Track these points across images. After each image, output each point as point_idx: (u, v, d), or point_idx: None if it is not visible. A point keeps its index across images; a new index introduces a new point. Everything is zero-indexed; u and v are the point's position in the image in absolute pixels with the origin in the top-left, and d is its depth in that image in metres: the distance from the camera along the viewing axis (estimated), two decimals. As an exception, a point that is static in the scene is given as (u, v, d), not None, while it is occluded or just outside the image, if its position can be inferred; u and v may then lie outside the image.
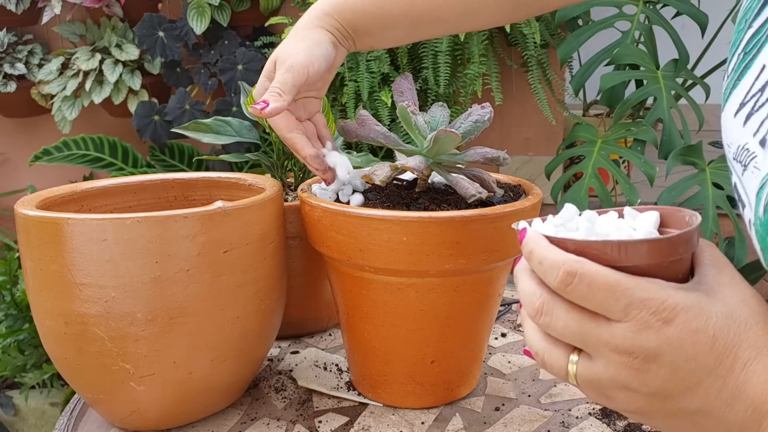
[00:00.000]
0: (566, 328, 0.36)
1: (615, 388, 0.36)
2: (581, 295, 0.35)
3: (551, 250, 0.36)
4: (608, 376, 0.35)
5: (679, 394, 0.34)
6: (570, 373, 0.37)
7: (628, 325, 0.34)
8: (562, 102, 1.62)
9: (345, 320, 0.63)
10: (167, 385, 0.56)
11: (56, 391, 1.68)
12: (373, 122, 0.61)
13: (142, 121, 1.62)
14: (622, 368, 0.35)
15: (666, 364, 0.34)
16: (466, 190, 0.57)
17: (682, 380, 0.34)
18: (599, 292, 0.34)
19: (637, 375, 0.34)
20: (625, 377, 0.35)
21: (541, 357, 0.38)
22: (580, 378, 0.37)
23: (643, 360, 0.34)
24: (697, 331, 0.34)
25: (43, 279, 0.54)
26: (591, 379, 0.36)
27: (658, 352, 0.34)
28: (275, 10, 1.70)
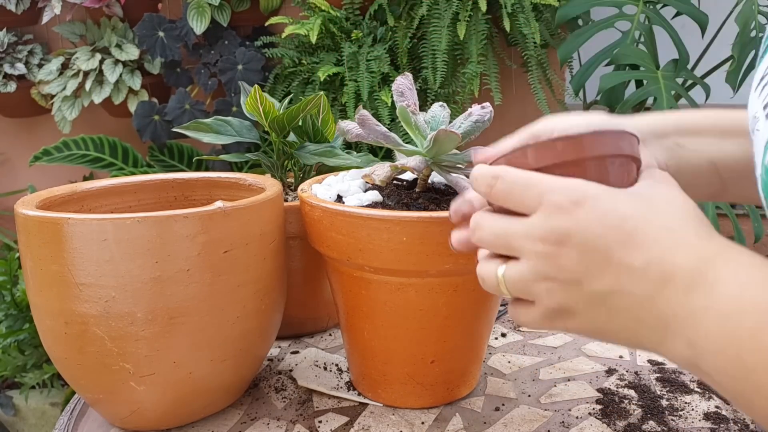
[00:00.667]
0: (492, 232, 0.38)
1: (536, 281, 0.37)
2: (503, 195, 0.38)
3: (482, 166, 0.40)
4: (530, 269, 0.37)
5: (591, 275, 0.35)
6: (499, 280, 0.39)
7: (541, 211, 0.36)
8: (562, 102, 1.62)
9: (345, 320, 0.63)
10: (167, 385, 0.56)
11: (56, 391, 1.68)
12: (373, 122, 0.61)
13: (142, 121, 1.62)
14: (540, 258, 0.36)
15: (576, 245, 0.35)
16: (466, 190, 0.57)
17: (592, 259, 0.35)
18: (517, 186, 0.37)
19: (552, 261, 0.36)
20: (542, 266, 0.36)
21: (480, 275, 0.40)
22: (508, 281, 0.38)
23: (556, 243, 0.35)
24: (606, 212, 0.35)
25: (43, 279, 0.54)
26: (516, 279, 0.38)
27: (568, 233, 0.35)
28: (275, 10, 1.70)
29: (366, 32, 1.52)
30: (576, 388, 0.67)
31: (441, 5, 1.43)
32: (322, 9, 1.50)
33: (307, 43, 1.55)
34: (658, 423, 0.60)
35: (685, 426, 0.60)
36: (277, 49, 1.56)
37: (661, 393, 0.65)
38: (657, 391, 0.66)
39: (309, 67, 1.53)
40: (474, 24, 1.45)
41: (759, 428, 0.59)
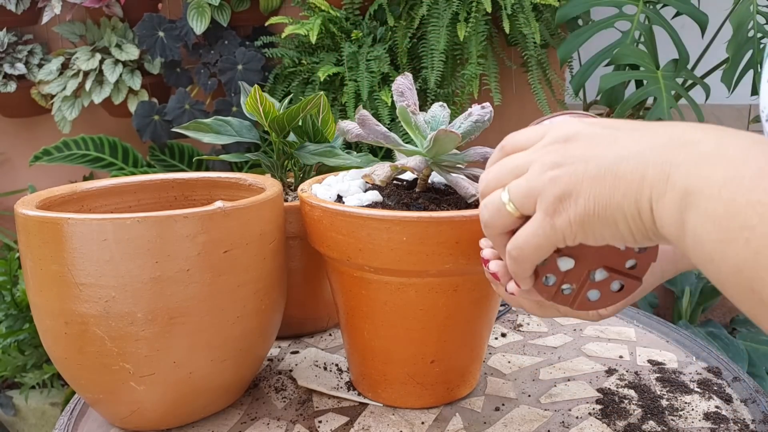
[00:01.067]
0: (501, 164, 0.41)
1: (541, 173, 0.37)
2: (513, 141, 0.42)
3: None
4: (534, 170, 0.38)
5: (598, 152, 0.36)
6: (503, 197, 0.39)
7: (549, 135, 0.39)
8: (562, 102, 1.62)
9: (345, 320, 0.63)
10: (167, 385, 0.56)
11: (56, 391, 1.68)
12: (373, 122, 0.61)
13: (142, 121, 1.62)
14: (547, 154, 0.38)
15: (584, 137, 0.37)
16: (466, 190, 0.57)
17: (599, 142, 0.37)
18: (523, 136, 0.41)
19: (560, 151, 0.37)
20: (549, 158, 0.37)
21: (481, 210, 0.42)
22: (512, 191, 0.39)
23: (563, 140, 0.38)
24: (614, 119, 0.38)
25: (43, 279, 0.54)
26: (521, 183, 0.39)
27: (576, 133, 0.37)
28: (275, 10, 1.70)
29: (366, 32, 1.52)
30: (576, 388, 0.67)
31: (440, 5, 1.43)
32: (322, 9, 1.50)
33: (307, 43, 1.55)
34: (658, 423, 0.60)
35: (685, 426, 0.60)
36: (277, 49, 1.56)
37: (661, 393, 0.65)
38: (657, 391, 0.66)
39: (309, 67, 1.53)
40: (474, 24, 1.45)
41: (759, 428, 0.59)
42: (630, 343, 0.78)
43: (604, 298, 0.44)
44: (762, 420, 0.61)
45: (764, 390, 0.66)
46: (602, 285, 0.43)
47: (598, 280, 0.43)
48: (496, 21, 1.51)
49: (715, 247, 0.30)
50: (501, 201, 0.39)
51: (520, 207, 0.39)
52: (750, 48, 1.37)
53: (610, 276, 0.43)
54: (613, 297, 0.44)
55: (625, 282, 0.43)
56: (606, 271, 0.42)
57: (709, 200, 0.31)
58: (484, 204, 0.41)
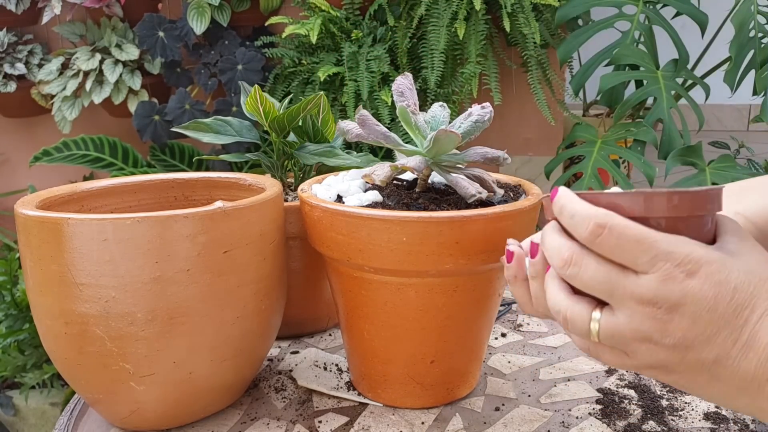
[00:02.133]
0: (594, 277, 0.37)
1: (637, 340, 0.36)
2: (610, 247, 0.36)
3: (582, 204, 0.38)
4: (631, 328, 0.36)
5: (699, 344, 0.35)
6: (592, 329, 0.38)
7: (653, 276, 0.35)
8: (562, 102, 1.62)
9: (345, 320, 0.63)
10: (167, 385, 0.56)
11: (56, 391, 1.68)
12: (373, 122, 0.61)
13: (142, 121, 1.62)
14: (645, 319, 0.36)
15: (688, 314, 0.35)
16: (466, 190, 0.57)
17: (702, 330, 0.35)
18: (628, 243, 0.36)
19: (659, 325, 0.36)
20: (647, 328, 0.36)
21: (564, 314, 0.39)
22: (603, 332, 0.37)
23: (666, 310, 0.35)
24: (719, 282, 0.35)
25: (43, 279, 0.54)
26: (613, 332, 0.37)
27: (680, 302, 0.35)
28: (275, 10, 1.70)
29: (366, 32, 1.52)
30: (576, 388, 0.67)
31: (440, 5, 1.43)
32: (322, 9, 1.50)
33: (307, 43, 1.55)
34: (658, 423, 0.60)
35: (685, 426, 0.60)
36: (277, 49, 1.56)
37: (661, 393, 0.65)
38: (657, 391, 0.66)
39: (309, 67, 1.53)
40: (473, 24, 1.45)
41: (759, 428, 0.59)
42: (630, 343, 0.78)
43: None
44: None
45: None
46: None
47: None
48: (496, 21, 1.51)
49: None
50: (589, 324, 0.38)
51: (605, 343, 0.38)
52: (752, 48, 1.37)
53: None
54: None
55: None
56: None
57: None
58: (566, 309, 0.39)
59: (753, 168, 1.71)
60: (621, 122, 1.44)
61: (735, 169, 1.35)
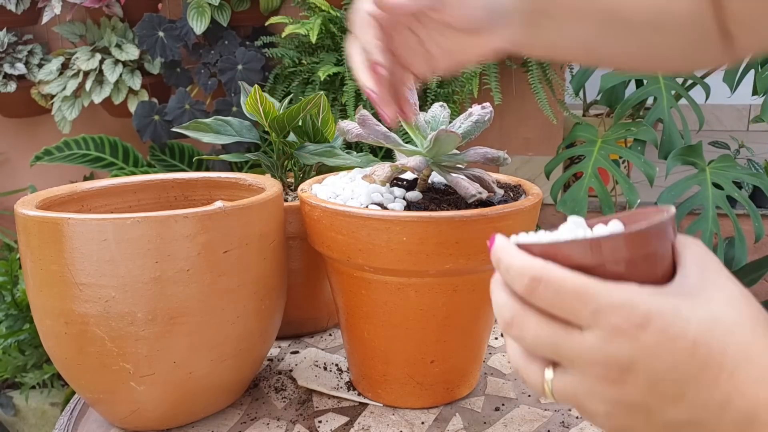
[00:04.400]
0: (537, 339, 0.34)
1: (594, 402, 0.33)
2: (548, 302, 0.33)
3: (517, 257, 0.34)
4: (585, 390, 0.33)
5: (663, 406, 0.32)
6: (546, 390, 0.34)
7: (599, 332, 0.31)
8: (562, 102, 1.62)
9: (345, 320, 0.63)
10: (167, 385, 0.56)
11: (56, 391, 1.68)
12: (373, 122, 0.61)
13: (142, 121, 1.62)
14: (598, 381, 0.32)
15: (643, 374, 0.31)
16: (466, 190, 0.57)
17: (664, 391, 0.31)
18: (566, 297, 0.32)
19: (614, 387, 0.32)
20: (602, 390, 0.32)
21: (521, 374, 0.36)
22: (557, 394, 0.34)
23: (619, 371, 0.31)
24: (675, 337, 0.31)
25: (43, 279, 0.54)
26: (568, 393, 0.34)
27: (633, 361, 0.31)
28: (275, 10, 1.70)
29: (366, 32, 1.52)
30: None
31: (441, 5, 1.43)
32: (322, 9, 1.50)
33: (307, 43, 1.55)
34: (658, 423, 0.60)
35: (685, 426, 0.60)
36: (277, 49, 1.56)
37: (661, 393, 0.65)
38: (657, 391, 0.66)
39: (309, 67, 1.53)
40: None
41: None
42: (630, 343, 0.78)
43: None
44: (762, 420, 0.60)
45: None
46: None
47: None
48: (496, 21, 1.51)
49: None
50: (542, 383, 0.34)
51: (560, 402, 0.36)
52: (750, 48, 1.37)
53: None
54: None
55: None
56: None
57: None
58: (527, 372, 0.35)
59: (753, 168, 1.71)
60: (621, 122, 1.44)
61: (735, 169, 1.35)
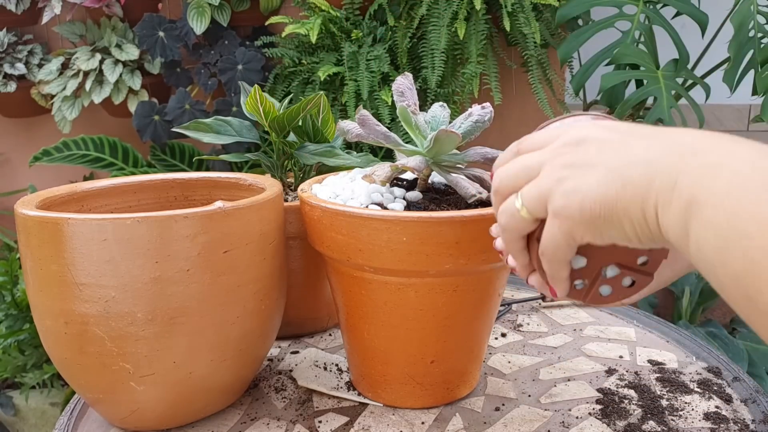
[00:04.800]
0: (511, 166, 0.41)
1: (557, 173, 0.38)
2: (530, 143, 0.42)
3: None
4: (547, 173, 0.39)
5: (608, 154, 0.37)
6: (516, 204, 0.40)
7: (560, 139, 0.39)
8: (562, 102, 1.62)
9: (345, 320, 0.63)
10: (167, 385, 0.56)
11: (56, 391, 1.68)
12: (373, 122, 0.61)
13: (142, 121, 1.62)
14: (557, 157, 0.39)
15: (594, 141, 0.38)
16: (466, 190, 0.57)
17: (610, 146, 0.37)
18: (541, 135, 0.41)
19: (571, 153, 0.38)
20: (561, 160, 0.38)
21: (498, 216, 0.43)
22: (525, 195, 0.40)
23: (574, 144, 0.38)
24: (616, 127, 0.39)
25: (43, 279, 0.54)
26: (533, 187, 0.39)
27: (588, 135, 0.38)
28: (275, 10, 1.70)
29: (366, 32, 1.52)
30: (576, 388, 0.67)
31: (440, 5, 1.43)
32: (322, 9, 1.50)
33: (307, 42, 1.55)
34: (658, 423, 0.60)
35: (685, 426, 0.60)
36: (277, 49, 1.56)
37: (661, 393, 0.65)
38: (657, 391, 0.66)
39: (309, 67, 1.53)
40: (474, 24, 1.45)
41: (759, 428, 0.59)
42: (630, 343, 0.78)
43: (616, 294, 0.45)
44: (762, 420, 0.60)
45: (764, 390, 0.66)
46: (614, 281, 0.44)
47: (610, 276, 0.44)
48: (496, 21, 1.51)
49: (716, 255, 0.31)
50: (515, 207, 0.41)
51: (533, 211, 0.40)
52: (751, 48, 1.37)
53: (621, 272, 0.44)
54: (625, 292, 0.45)
55: (636, 278, 0.44)
56: (617, 267, 0.43)
57: (712, 209, 0.31)
58: (501, 210, 0.42)
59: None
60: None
61: (735, 169, 1.35)
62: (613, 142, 0.37)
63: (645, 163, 0.35)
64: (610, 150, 0.37)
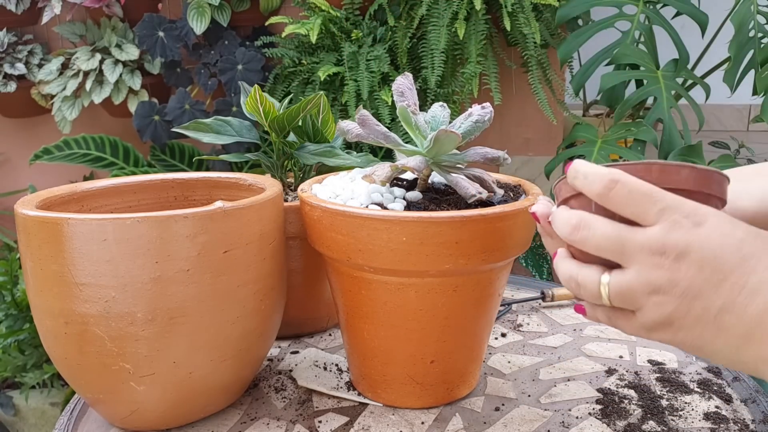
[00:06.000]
0: (604, 235, 0.39)
1: (646, 293, 0.37)
2: (622, 199, 0.38)
3: (596, 167, 0.40)
4: (640, 281, 0.38)
5: (705, 291, 0.36)
6: (602, 290, 0.39)
7: (661, 225, 0.37)
8: (562, 102, 1.62)
9: (345, 320, 0.63)
10: (167, 385, 0.56)
11: (56, 391, 1.68)
12: (373, 122, 0.61)
13: (142, 121, 1.62)
14: (654, 269, 0.37)
15: (694, 261, 0.36)
16: (466, 190, 0.57)
17: (708, 277, 0.36)
18: (639, 195, 0.38)
19: (667, 274, 0.37)
20: (656, 278, 0.37)
21: (575, 279, 0.41)
22: (613, 289, 0.39)
23: (674, 258, 0.37)
24: (725, 234, 0.37)
25: (43, 279, 0.54)
26: (622, 288, 0.38)
27: (687, 250, 0.36)
28: (275, 10, 1.70)
29: (366, 32, 1.52)
30: (576, 388, 0.67)
31: (440, 5, 1.43)
32: (322, 9, 1.50)
33: (307, 43, 1.55)
34: (658, 423, 0.60)
35: (685, 426, 0.60)
36: (277, 49, 1.56)
37: (661, 393, 0.65)
38: (657, 391, 0.66)
39: (309, 67, 1.53)
40: (473, 24, 1.44)
41: (759, 428, 0.59)
42: (630, 343, 0.78)
43: None
44: (762, 420, 0.61)
45: (764, 390, 0.66)
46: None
47: None
48: (496, 21, 1.51)
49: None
50: (599, 285, 0.40)
51: (616, 304, 0.40)
52: (751, 48, 1.37)
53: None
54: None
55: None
56: None
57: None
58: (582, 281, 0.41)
59: (753, 168, 1.70)
60: (621, 122, 1.44)
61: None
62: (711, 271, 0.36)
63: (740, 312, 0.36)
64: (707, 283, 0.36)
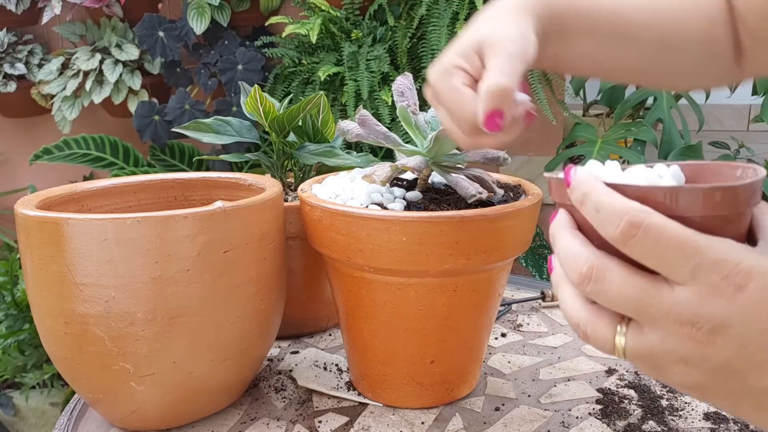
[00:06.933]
0: (621, 295, 0.31)
1: (671, 362, 0.31)
2: (645, 251, 0.30)
3: (611, 196, 0.31)
4: (665, 350, 0.31)
5: (746, 371, 0.30)
6: (618, 346, 0.33)
7: (695, 289, 0.30)
8: (562, 102, 1.62)
9: (345, 320, 0.63)
10: (167, 385, 0.56)
11: (56, 391, 1.68)
12: (373, 122, 0.61)
13: (142, 121, 1.62)
14: (683, 340, 0.30)
15: (734, 337, 0.29)
16: (466, 190, 0.57)
17: (751, 356, 0.30)
18: (667, 248, 0.30)
19: (698, 348, 0.30)
20: (684, 350, 0.31)
21: (583, 329, 0.34)
22: (630, 352, 0.32)
23: (708, 332, 0.30)
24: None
25: (43, 279, 0.54)
26: (643, 353, 0.32)
27: (726, 323, 0.29)
28: (275, 10, 1.70)
29: (366, 32, 1.52)
30: (576, 388, 0.67)
31: (440, 5, 1.43)
32: (322, 9, 1.50)
33: (307, 43, 1.55)
34: (658, 423, 0.60)
35: (685, 426, 0.60)
36: (277, 49, 1.56)
37: (661, 393, 0.65)
38: (657, 391, 0.66)
39: (309, 67, 1.53)
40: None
41: (759, 429, 0.59)
42: (630, 343, 0.78)
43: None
44: (762, 420, 0.61)
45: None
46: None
47: None
48: (496, 21, 1.51)
49: None
50: (612, 345, 0.33)
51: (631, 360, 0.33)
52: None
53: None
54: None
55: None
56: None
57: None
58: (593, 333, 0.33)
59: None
60: (621, 122, 1.44)
61: (735, 169, 1.35)
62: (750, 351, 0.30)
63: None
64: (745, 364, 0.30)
